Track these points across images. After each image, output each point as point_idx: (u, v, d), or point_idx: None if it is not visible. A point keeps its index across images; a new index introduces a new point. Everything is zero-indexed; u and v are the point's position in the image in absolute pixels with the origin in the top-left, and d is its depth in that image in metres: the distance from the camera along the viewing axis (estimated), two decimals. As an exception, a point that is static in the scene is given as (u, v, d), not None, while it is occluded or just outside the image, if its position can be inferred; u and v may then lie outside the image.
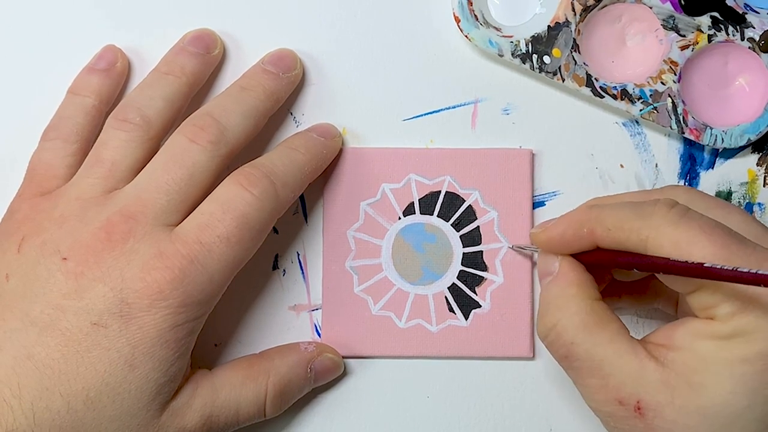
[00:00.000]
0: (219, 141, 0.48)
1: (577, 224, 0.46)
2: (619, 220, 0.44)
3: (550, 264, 0.47)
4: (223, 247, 0.46)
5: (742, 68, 0.52)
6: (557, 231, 0.47)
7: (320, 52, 0.53)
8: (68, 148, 0.50)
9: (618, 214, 0.45)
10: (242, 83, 0.50)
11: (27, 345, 0.44)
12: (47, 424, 0.44)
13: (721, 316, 0.42)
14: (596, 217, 0.45)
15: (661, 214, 0.43)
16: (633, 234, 0.44)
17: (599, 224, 0.45)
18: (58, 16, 0.53)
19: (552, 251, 0.47)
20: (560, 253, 0.47)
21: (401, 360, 0.53)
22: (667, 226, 0.43)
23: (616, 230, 0.44)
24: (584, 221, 0.46)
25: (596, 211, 0.45)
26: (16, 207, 0.49)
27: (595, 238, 0.45)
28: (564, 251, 0.47)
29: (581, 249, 0.46)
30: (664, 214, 0.43)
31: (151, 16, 0.53)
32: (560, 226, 0.47)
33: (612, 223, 0.45)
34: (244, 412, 0.48)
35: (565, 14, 0.52)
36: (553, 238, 0.47)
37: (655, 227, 0.43)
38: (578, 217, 0.46)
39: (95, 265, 0.45)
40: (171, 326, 0.45)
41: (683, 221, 0.43)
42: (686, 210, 0.43)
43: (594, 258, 0.46)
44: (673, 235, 0.42)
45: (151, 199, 0.46)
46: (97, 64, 0.52)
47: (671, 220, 0.43)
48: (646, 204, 0.44)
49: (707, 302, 0.42)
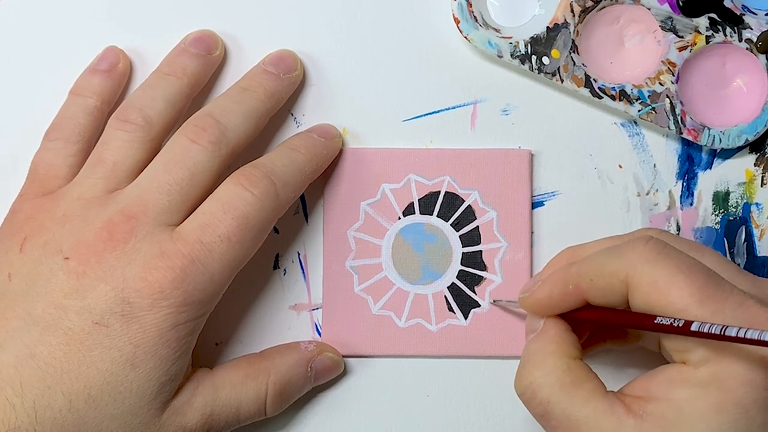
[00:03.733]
0: (220, 141, 0.48)
1: (561, 283, 0.46)
2: (599, 267, 0.44)
3: (535, 322, 0.47)
4: (224, 247, 0.46)
5: (739, 69, 0.52)
6: (543, 293, 0.46)
7: (321, 53, 0.53)
8: (70, 149, 0.50)
9: (596, 261, 0.44)
10: (243, 84, 0.51)
11: (29, 344, 0.44)
12: (49, 422, 0.44)
13: (694, 361, 0.42)
14: (577, 271, 0.45)
15: (637, 251, 0.43)
16: (614, 278, 0.43)
17: (582, 278, 0.45)
18: (59, 18, 0.53)
19: (543, 314, 0.47)
20: (551, 314, 0.47)
21: (401, 359, 0.53)
22: (644, 263, 0.42)
23: (598, 278, 0.44)
24: (567, 278, 0.45)
25: (576, 266, 0.45)
26: (18, 207, 0.49)
27: (581, 293, 0.45)
28: (554, 312, 0.47)
29: (570, 307, 0.46)
30: (641, 250, 0.43)
31: (153, 17, 0.53)
32: (546, 288, 0.46)
33: (593, 273, 0.44)
34: (244, 410, 0.49)
35: (563, 15, 0.52)
36: (542, 300, 0.47)
37: (632, 265, 0.43)
38: (561, 276, 0.46)
39: (97, 264, 0.45)
40: (172, 325, 0.45)
41: (660, 258, 0.42)
42: (663, 245, 0.43)
43: (584, 316, 0.46)
44: (651, 273, 0.42)
45: (152, 199, 0.47)
46: (98, 65, 0.52)
47: (647, 257, 0.42)
48: (622, 244, 0.44)
49: (681, 345, 0.42)
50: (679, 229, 0.53)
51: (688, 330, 0.40)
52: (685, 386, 0.42)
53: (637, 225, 0.53)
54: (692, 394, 0.41)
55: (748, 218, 0.53)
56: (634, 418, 0.42)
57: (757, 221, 0.53)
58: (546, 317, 0.47)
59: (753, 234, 0.53)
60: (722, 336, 0.39)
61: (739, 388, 0.41)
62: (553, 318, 0.47)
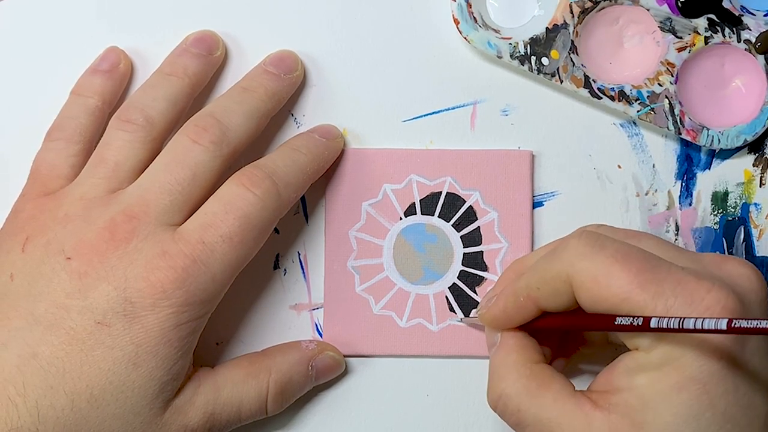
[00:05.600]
0: (221, 141, 0.48)
1: (513, 296, 0.46)
2: (542, 274, 0.44)
3: (493, 335, 0.48)
4: (225, 247, 0.46)
5: (738, 70, 0.53)
6: (498, 309, 0.47)
7: (321, 54, 0.53)
8: (72, 149, 0.50)
9: (539, 269, 0.45)
10: (244, 84, 0.51)
11: (32, 343, 0.45)
12: (51, 422, 0.44)
13: (645, 346, 0.42)
14: (525, 283, 0.45)
15: (571, 248, 0.43)
16: (557, 281, 0.44)
17: (530, 288, 0.45)
18: (60, 18, 0.53)
19: (503, 328, 0.47)
20: (511, 327, 0.47)
21: (402, 359, 0.53)
22: (581, 260, 0.43)
23: (544, 285, 0.44)
24: (518, 291, 0.46)
25: (524, 277, 0.46)
26: (20, 207, 0.49)
27: (534, 303, 0.45)
28: (514, 324, 0.47)
29: (528, 318, 0.46)
30: (575, 247, 0.43)
31: (153, 18, 0.53)
32: (500, 303, 0.47)
33: (538, 281, 0.45)
34: (246, 409, 0.49)
35: (563, 16, 0.52)
36: (498, 315, 0.47)
37: (570, 264, 0.43)
38: (511, 289, 0.46)
39: (99, 264, 0.45)
40: (174, 325, 0.45)
41: (595, 251, 0.42)
42: (596, 237, 0.43)
43: (544, 324, 0.46)
44: (589, 268, 0.42)
45: (154, 199, 0.47)
46: (100, 65, 0.52)
47: (583, 252, 0.43)
48: (558, 246, 0.44)
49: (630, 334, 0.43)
50: (678, 228, 0.53)
51: (648, 327, 0.40)
52: (643, 372, 0.42)
53: (636, 225, 0.53)
54: (650, 378, 0.42)
55: (746, 218, 0.53)
56: (601, 412, 0.42)
57: (755, 221, 0.53)
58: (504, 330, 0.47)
59: (752, 234, 0.53)
60: (681, 329, 0.39)
61: (693, 363, 0.41)
62: (509, 329, 0.47)
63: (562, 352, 0.51)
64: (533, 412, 0.44)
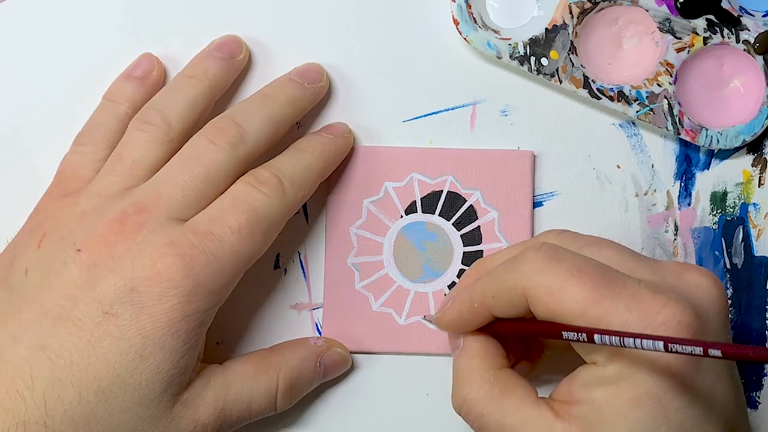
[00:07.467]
0: (237, 143, 0.48)
1: (468, 302, 0.46)
2: (499, 284, 0.44)
3: (455, 338, 0.48)
4: (234, 238, 0.46)
5: (737, 70, 0.53)
6: (453, 313, 0.47)
7: (321, 54, 0.53)
8: (98, 154, 0.50)
9: (496, 278, 0.45)
10: (266, 91, 0.51)
11: (41, 336, 0.45)
12: (59, 414, 0.44)
13: (601, 361, 0.42)
14: (481, 289, 0.45)
15: (528, 261, 0.43)
16: (513, 293, 0.44)
17: (485, 296, 0.45)
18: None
19: (458, 332, 0.48)
20: (466, 331, 0.47)
21: (400, 356, 0.53)
22: (537, 274, 0.43)
23: (499, 295, 0.44)
24: (473, 297, 0.46)
25: (480, 283, 0.46)
26: (41, 206, 0.50)
27: (487, 309, 0.45)
28: (469, 329, 0.47)
29: (482, 323, 0.46)
30: (532, 260, 0.43)
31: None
32: (455, 307, 0.47)
33: (493, 290, 0.45)
34: (256, 405, 0.49)
35: (562, 17, 0.52)
36: (453, 320, 0.47)
37: (527, 277, 0.43)
38: (467, 294, 0.46)
39: (108, 255, 0.45)
40: (181, 316, 0.45)
41: (552, 266, 0.43)
42: (555, 251, 0.43)
43: (497, 330, 0.46)
44: (544, 283, 0.42)
45: (166, 192, 0.47)
46: (133, 71, 0.52)
47: (540, 266, 0.43)
48: (517, 256, 0.44)
49: (586, 348, 0.43)
50: (677, 228, 0.54)
51: (593, 341, 0.40)
52: (600, 386, 0.42)
53: (635, 225, 0.53)
54: (607, 392, 0.42)
55: (745, 218, 0.54)
56: (562, 423, 0.43)
57: (754, 221, 0.54)
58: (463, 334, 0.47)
59: (750, 234, 0.54)
60: (623, 346, 0.40)
61: (648, 379, 0.41)
62: (472, 332, 0.47)
63: (527, 356, 0.51)
64: (496, 418, 0.44)
